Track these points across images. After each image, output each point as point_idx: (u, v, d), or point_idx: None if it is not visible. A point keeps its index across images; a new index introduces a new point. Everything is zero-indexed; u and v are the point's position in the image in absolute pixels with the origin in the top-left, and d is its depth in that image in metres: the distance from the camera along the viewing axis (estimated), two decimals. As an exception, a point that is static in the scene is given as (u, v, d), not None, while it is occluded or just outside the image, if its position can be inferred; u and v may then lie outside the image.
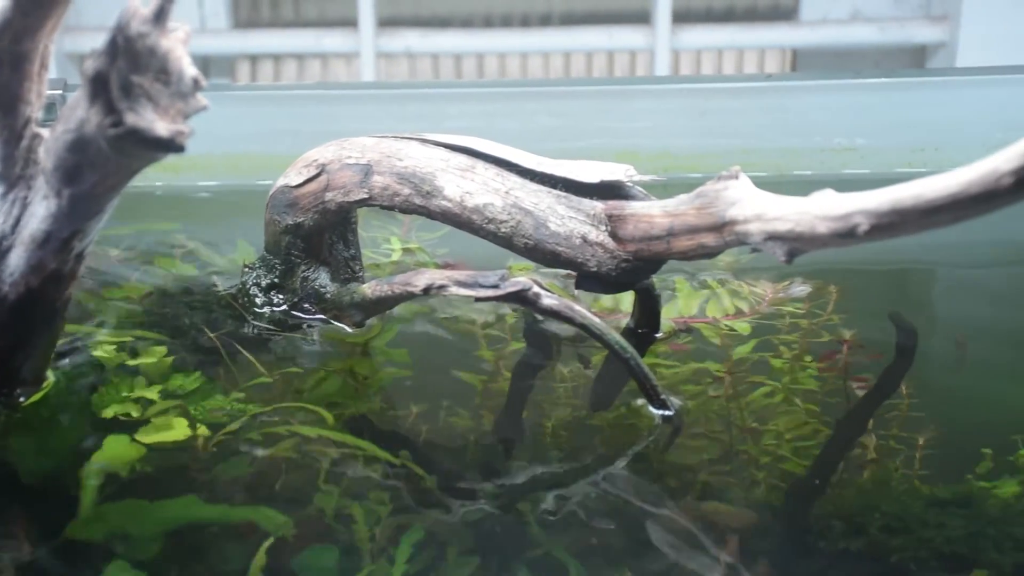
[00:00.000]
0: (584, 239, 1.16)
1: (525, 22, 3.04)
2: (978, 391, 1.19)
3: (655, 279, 1.23)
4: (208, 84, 0.88)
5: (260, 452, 1.06)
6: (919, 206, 0.86)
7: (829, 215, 0.93)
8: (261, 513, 0.98)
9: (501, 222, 1.17)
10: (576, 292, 1.22)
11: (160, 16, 0.86)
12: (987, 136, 0.96)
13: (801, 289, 1.35)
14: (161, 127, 0.86)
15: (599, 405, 1.17)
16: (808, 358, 1.22)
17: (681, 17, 2.88)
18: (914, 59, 2.91)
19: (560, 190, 1.17)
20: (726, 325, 1.28)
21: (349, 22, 2.93)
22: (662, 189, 1.19)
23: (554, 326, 1.26)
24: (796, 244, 0.97)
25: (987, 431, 1.11)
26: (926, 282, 1.51)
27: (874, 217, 0.89)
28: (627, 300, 1.29)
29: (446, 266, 1.40)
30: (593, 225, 1.16)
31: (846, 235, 0.91)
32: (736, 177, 1.05)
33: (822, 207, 0.94)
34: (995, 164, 0.81)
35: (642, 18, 2.90)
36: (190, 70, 0.87)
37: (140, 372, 1.17)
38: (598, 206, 1.16)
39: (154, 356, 1.19)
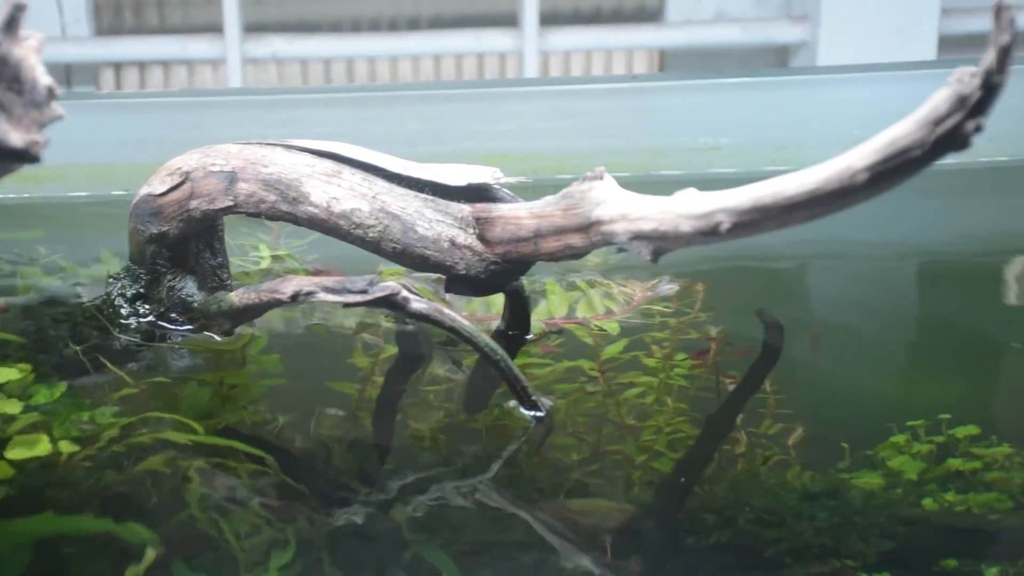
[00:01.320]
0: (452, 242, 1.16)
1: (393, 26, 3.04)
2: (844, 384, 1.21)
3: (525, 281, 1.24)
4: (70, 93, 0.87)
5: (127, 465, 1.04)
6: (779, 203, 0.87)
7: (692, 213, 0.94)
8: (128, 528, 0.96)
9: (369, 227, 1.17)
10: (447, 295, 1.22)
11: (11, 24, 0.84)
12: (846, 133, 0.98)
13: (669, 287, 1.37)
14: (15, 137, 0.84)
15: (472, 407, 1.17)
16: (679, 356, 1.23)
17: (548, 19, 2.90)
18: (778, 58, 2.96)
19: (427, 194, 1.17)
20: (596, 325, 1.29)
21: (215, 28, 2.90)
22: (531, 191, 1.19)
23: (427, 330, 1.26)
24: (661, 243, 0.98)
25: (853, 423, 1.13)
26: (793, 278, 1.54)
27: (736, 215, 0.90)
28: (499, 302, 1.29)
29: (316, 272, 1.39)
30: (461, 228, 1.16)
31: (709, 233, 0.92)
32: (601, 178, 1.06)
33: (685, 206, 0.95)
34: (849, 161, 0.83)
35: (510, 21, 2.91)
36: (44, 79, 0.85)
37: (1, 388, 1.14)
38: (466, 209, 1.16)
39: (16, 371, 1.17)
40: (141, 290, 1.25)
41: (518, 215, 1.13)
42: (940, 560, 0.94)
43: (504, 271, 1.16)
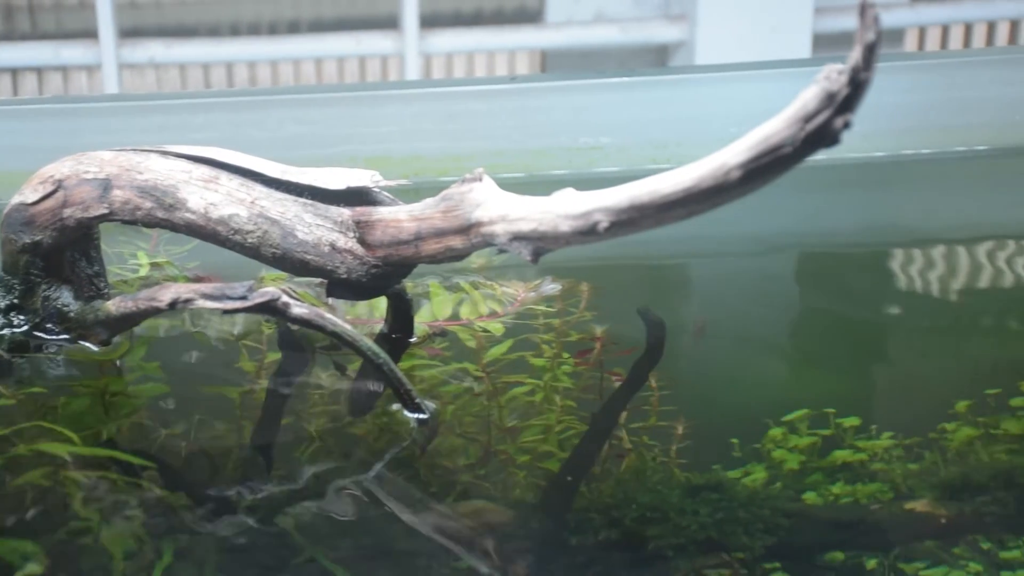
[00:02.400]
0: (333, 246, 1.15)
1: (273, 30, 3.01)
2: (728, 379, 1.23)
3: (408, 283, 1.24)
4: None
5: (4, 480, 1.02)
6: (655, 201, 0.88)
7: (571, 213, 0.94)
8: (6, 545, 0.94)
9: (248, 233, 1.16)
10: (329, 300, 1.21)
11: None
12: (725, 131, 0.99)
13: (552, 287, 1.37)
14: None
15: (357, 412, 1.17)
16: (565, 355, 1.23)
17: (429, 22, 2.89)
18: (657, 58, 2.99)
19: (307, 198, 1.17)
20: (480, 326, 1.29)
21: (89, 33, 2.85)
22: (414, 193, 1.19)
23: (311, 334, 1.25)
24: (540, 243, 0.98)
25: (737, 418, 1.14)
26: (676, 275, 1.55)
27: (613, 214, 0.91)
28: (383, 305, 1.28)
29: (196, 279, 1.37)
30: (341, 232, 1.15)
31: (588, 232, 0.93)
32: (480, 179, 1.06)
33: (564, 206, 0.95)
34: (723, 159, 0.84)
35: (391, 23, 2.91)
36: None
37: None
38: (345, 213, 1.16)
39: None
40: (15, 301, 1.23)
41: (398, 218, 1.13)
42: (826, 551, 0.96)
43: (385, 274, 1.16)
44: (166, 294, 1.15)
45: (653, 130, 1.70)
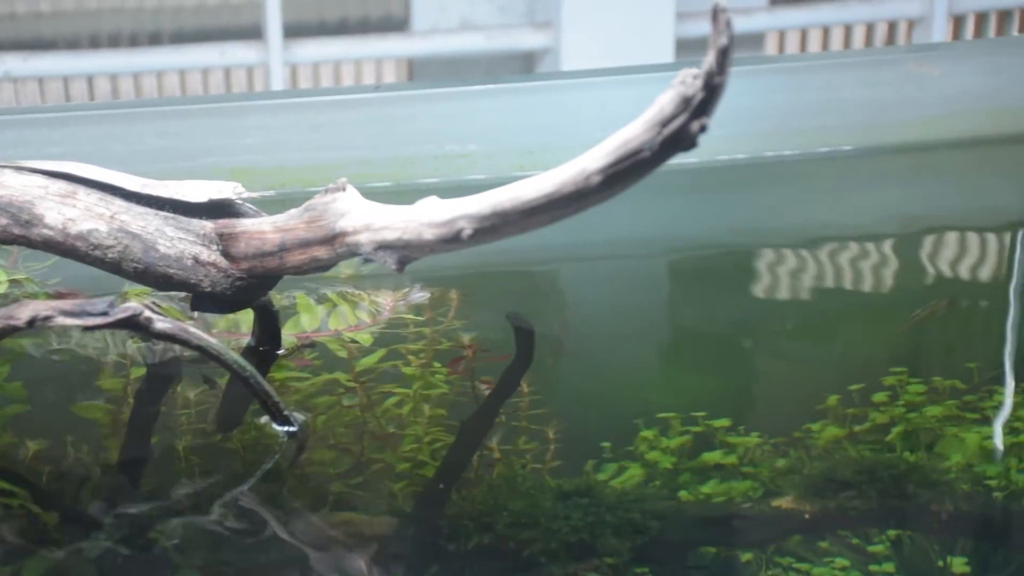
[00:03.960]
0: (196, 260, 1.14)
1: (134, 41, 2.97)
2: (599, 383, 1.24)
3: (276, 295, 1.23)
4: None
5: None
6: (518, 207, 0.88)
7: (434, 221, 0.94)
8: None
9: (108, 248, 1.14)
10: (195, 314, 1.20)
11: None
12: (590, 136, 1.00)
13: (420, 296, 1.37)
14: None
15: (226, 426, 1.15)
16: (436, 364, 1.23)
17: (294, 31, 2.87)
18: (524, 65, 3.00)
19: (168, 212, 1.15)
20: (349, 337, 1.28)
21: (-58, 47, 2.79)
22: (280, 205, 1.18)
23: (178, 349, 1.24)
24: (405, 252, 0.98)
25: (609, 421, 1.15)
26: (545, 281, 1.56)
27: (476, 221, 0.91)
28: (250, 318, 1.27)
29: (57, 295, 1.35)
30: (204, 245, 1.14)
31: (452, 240, 0.93)
32: (343, 189, 1.05)
33: (427, 214, 0.95)
34: (584, 164, 0.84)
35: (254, 34, 2.88)
36: None
37: None
38: (208, 225, 1.14)
39: None
40: None
41: (262, 230, 1.12)
42: (698, 549, 0.97)
43: (250, 286, 1.15)
44: (24, 312, 1.12)
45: (520, 137, 1.70)
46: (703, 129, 0.82)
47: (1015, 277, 1.46)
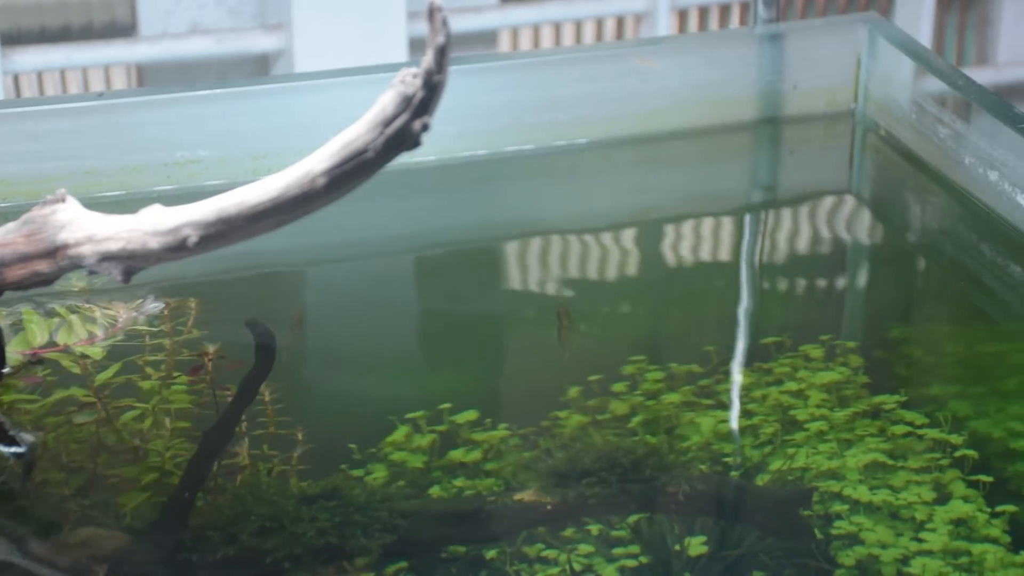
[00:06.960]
0: (-91, 280, 1.09)
1: None
2: (344, 384, 1.23)
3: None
4: None
5: None
6: (243, 213, 0.87)
7: (159, 230, 0.93)
8: None
9: None
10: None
11: None
12: (323, 138, 0.99)
13: (155, 306, 1.34)
14: None
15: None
16: (176, 374, 1.21)
17: (12, 39, 2.77)
18: (259, 68, 2.96)
19: None
20: (80, 351, 1.25)
21: None
22: (3, 219, 1.14)
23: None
24: (131, 262, 0.96)
25: (355, 423, 1.15)
26: (286, 285, 1.54)
27: (202, 228, 0.90)
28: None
29: None
30: (-83, 264, 1.09)
31: (178, 248, 0.92)
32: (63, 200, 1.03)
33: (152, 223, 0.93)
34: (309, 166, 0.84)
35: (-29, 42, 2.77)
36: None
37: None
38: (-80, 243, 1.10)
39: None
40: None
41: (-21, 245, 1.08)
42: (447, 546, 0.98)
43: (-29, 305, 1.11)
44: None
45: (252, 141, 1.68)
46: (425, 128, 0.83)
47: (743, 259, 1.52)
